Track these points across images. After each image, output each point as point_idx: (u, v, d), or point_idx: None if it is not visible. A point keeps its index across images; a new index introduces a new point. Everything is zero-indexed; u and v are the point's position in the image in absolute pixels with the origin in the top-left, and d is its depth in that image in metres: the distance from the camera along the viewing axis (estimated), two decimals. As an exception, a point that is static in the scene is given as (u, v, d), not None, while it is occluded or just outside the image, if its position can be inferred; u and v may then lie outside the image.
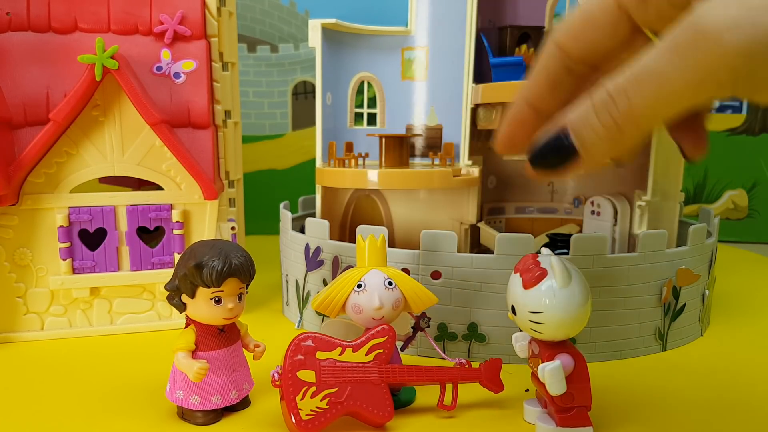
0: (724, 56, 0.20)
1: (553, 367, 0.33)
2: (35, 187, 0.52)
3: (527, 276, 0.32)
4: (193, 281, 0.36)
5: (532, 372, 0.37)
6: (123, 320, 0.56)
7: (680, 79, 0.21)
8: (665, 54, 0.22)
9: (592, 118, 0.24)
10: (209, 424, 0.38)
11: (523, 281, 0.32)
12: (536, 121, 0.29)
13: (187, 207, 0.56)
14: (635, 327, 0.49)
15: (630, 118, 0.23)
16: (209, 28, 0.57)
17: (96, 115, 0.53)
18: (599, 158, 0.25)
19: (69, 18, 0.54)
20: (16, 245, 0.53)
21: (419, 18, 0.63)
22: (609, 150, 0.24)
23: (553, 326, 0.32)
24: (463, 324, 0.48)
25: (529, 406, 0.38)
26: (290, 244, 0.58)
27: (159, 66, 0.55)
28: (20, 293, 0.53)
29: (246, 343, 0.40)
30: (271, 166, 1.04)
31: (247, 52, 1.00)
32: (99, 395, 0.42)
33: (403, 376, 0.38)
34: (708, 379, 0.46)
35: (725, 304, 0.64)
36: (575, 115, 0.25)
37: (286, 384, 0.35)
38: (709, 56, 0.20)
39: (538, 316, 0.32)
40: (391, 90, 0.65)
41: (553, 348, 0.34)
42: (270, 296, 0.66)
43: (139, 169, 0.54)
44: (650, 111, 0.23)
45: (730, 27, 0.20)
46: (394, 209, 0.64)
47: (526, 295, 0.32)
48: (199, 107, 0.56)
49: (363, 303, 0.39)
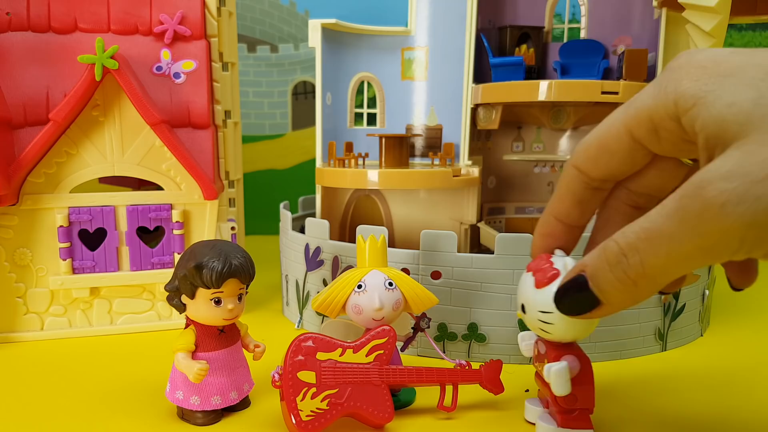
0: (731, 229, 0.21)
1: (559, 368, 0.32)
2: (35, 187, 0.52)
3: (540, 275, 0.32)
4: (193, 282, 0.36)
5: (536, 372, 0.37)
6: (123, 320, 0.56)
7: (690, 243, 0.22)
8: (675, 218, 0.22)
9: (606, 273, 0.25)
10: (209, 424, 0.38)
11: (535, 280, 0.32)
12: (567, 232, 0.31)
13: (187, 207, 0.56)
14: (635, 327, 0.49)
15: (644, 276, 0.24)
16: (209, 28, 0.57)
17: (96, 115, 0.53)
18: (620, 306, 0.26)
19: (69, 18, 0.54)
20: (16, 245, 0.53)
21: (419, 18, 0.63)
22: (629, 300, 0.25)
23: (562, 327, 0.32)
24: (463, 324, 0.48)
25: (531, 405, 0.38)
26: (290, 244, 0.58)
27: (159, 66, 0.55)
28: (20, 293, 0.53)
29: (246, 344, 0.40)
30: (271, 166, 1.04)
31: (247, 52, 1.00)
32: (99, 395, 0.42)
33: (404, 377, 0.38)
34: (708, 379, 0.46)
35: (725, 305, 0.64)
36: (591, 265, 0.26)
37: (286, 385, 0.35)
38: (716, 227, 0.21)
39: (549, 316, 0.32)
40: (391, 90, 0.65)
41: (559, 349, 0.34)
42: (270, 296, 0.66)
43: (139, 169, 0.54)
44: (663, 270, 0.23)
45: (734, 201, 0.20)
46: (394, 209, 0.64)
47: (537, 294, 0.31)
48: (199, 107, 0.56)
49: (363, 304, 0.39)
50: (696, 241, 0.22)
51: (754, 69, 0.23)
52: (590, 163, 0.28)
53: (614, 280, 0.25)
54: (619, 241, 0.24)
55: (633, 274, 0.24)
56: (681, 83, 0.24)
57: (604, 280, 0.25)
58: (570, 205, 0.30)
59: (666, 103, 0.24)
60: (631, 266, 0.24)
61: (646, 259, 0.23)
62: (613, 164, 0.28)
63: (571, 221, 0.30)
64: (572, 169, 0.29)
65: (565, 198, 0.30)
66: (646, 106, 0.25)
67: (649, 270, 0.23)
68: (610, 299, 0.25)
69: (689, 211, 0.22)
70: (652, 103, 0.25)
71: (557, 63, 0.61)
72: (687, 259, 0.22)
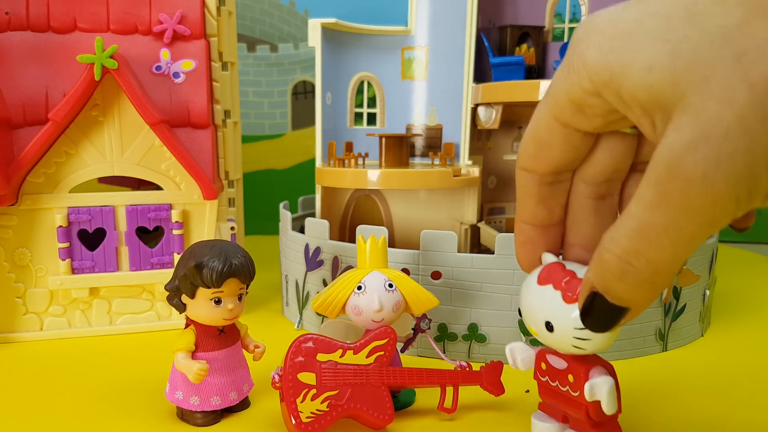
0: (722, 194, 0.20)
1: (610, 386, 0.29)
2: (34, 187, 0.52)
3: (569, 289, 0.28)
4: (193, 281, 0.36)
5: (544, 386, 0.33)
6: (122, 320, 0.56)
7: (689, 224, 0.21)
8: (661, 207, 0.21)
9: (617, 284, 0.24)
10: (209, 425, 0.38)
11: (563, 295, 0.28)
12: (545, 234, 0.29)
13: (187, 207, 0.56)
14: (636, 327, 0.49)
15: (657, 273, 0.22)
16: (209, 28, 0.57)
17: (95, 115, 0.53)
18: (648, 303, 0.24)
19: (68, 18, 0.54)
20: (16, 245, 0.52)
21: (419, 17, 0.63)
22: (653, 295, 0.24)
23: (600, 340, 0.28)
24: (464, 324, 0.48)
25: (541, 422, 0.34)
26: (290, 244, 0.58)
27: (158, 66, 0.55)
28: (19, 293, 0.53)
29: (246, 344, 0.40)
30: (270, 166, 1.04)
31: (246, 52, 1.00)
32: (98, 395, 0.42)
33: (404, 378, 0.38)
34: (708, 380, 0.46)
35: (726, 305, 0.64)
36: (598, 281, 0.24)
37: (286, 386, 0.35)
38: (707, 199, 0.20)
39: (587, 333, 0.28)
40: (391, 90, 0.65)
41: (586, 362, 0.31)
42: (269, 296, 0.66)
43: (139, 168, 0.54)
44: (673, 259, 0.22)
45: (712, 169, 0.19)
46: (394, 209, 0.64)
47: (572, 310, 0.28)
48: (199, 107, 0.56)
49: (363, 305, 0.39)
50: (694, 220, 0.21)
51: (651, 19, 0.21)
52: (534, 161, 0.27)
53: (629, 288, 0.23)
54: (614, 250, 0.23)
55: (646, 276, 0.23)
56: (586, 56, 0.23)
57: (619, 291, 0.24)
58: (534, 207, 0.29)
59: (580, 81, 0.23)
60: (641, 270, 0.23)
61: (652, 257, 0.22)
62: (556, 155, 0.26)
63: (541, 222, 0.29)
64: (520, 171, 0.28)
65: (527, 201, 0.29)
66: (561, 90, 0.24)
67: (660, 265, 0.22)
68: (634, 304, 0.24)
69: (672, 195, 0.21)
70: (566, 85, 0.24)
71: (557, 62, 0.61)
72: (693, 238, 0.21)
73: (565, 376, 0.31)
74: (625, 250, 0.23)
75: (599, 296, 0.25)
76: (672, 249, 0.22)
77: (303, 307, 0.57)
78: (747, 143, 0.19)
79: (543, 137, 0.26)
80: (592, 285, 0.25)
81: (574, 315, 0.27)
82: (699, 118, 0.20)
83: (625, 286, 0.23)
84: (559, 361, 0.32)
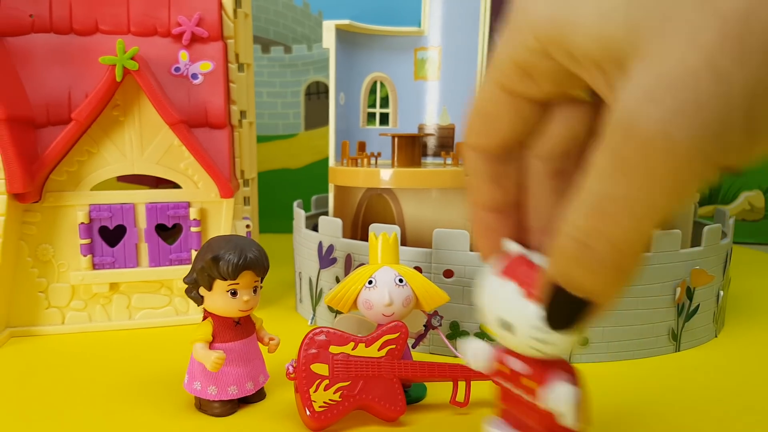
0: (693, 152, 0.16)
1: (569, 395, 0.25)
2: (57, 185, 0.54)
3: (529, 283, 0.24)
4: (210, 274, 0.37)
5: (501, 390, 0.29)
6: (141, 315, 0.57)
7: (656, 193, 0.18)
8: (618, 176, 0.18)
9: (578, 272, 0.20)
10: (226, 415, 0.39)
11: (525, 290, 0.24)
12: (504, 220, 0.26)
13: (204, 205, 0.57)
14: (648, 327, 0.49)
15: (622, 254, 0.19)
16: (226, 30, 0.58)
17: (116, 115, 0.54)
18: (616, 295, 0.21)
19: (90, 20, 0.55)
20: (39, 241, 0.54)
21: (432, 18, 0.64)
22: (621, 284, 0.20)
23: (564, 343, 0.24)
24: (476, 322, 0.48)
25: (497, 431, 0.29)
26: (303, 242, 0.59)
27: (177, 67, 0.57)
28: (42, 288, 0.55)
29: (261, 337, 0.41)
30: (284, 165, 1.05)
31: (261, 53, 1.01)
32: (118, 387, 0.43)
33: (416, 371, 0.38)
34: (722, 381, 0.45)
35: (741, 306, 0.64)
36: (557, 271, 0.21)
37: (300, 377, 0.36)
38: (670, 161, 0.17)
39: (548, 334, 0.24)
40: (403, 90, 0.66)
41: (548, 366, 0.26)
42: (283, 293, 0.67)
43: (158, 167, 0.56)
44: (638, 236, 0.19)
45: (678, 121, 0.16)
46: (406, 208, 0.64)
47: (532, 306, 0.24)
48: (216, 107, 0.57)
49: (373, 299, 0.40)
50: (658, 187, 0.17)
51: None
52: (480, 137, 0.24)
53: (590, 275, 0.20)
54: (570, 231, 0.20)
55: (608, 259, 0.19)
56: (529, 12, 0.20)
57: (579, 278, 0.20)
58: (487, 188, 0.25)
59: (525, 41, 0.20)
60: (601, 252, 0.19)
61: (613, 234, 0.19)
62: (504, 128, 0.23)
63: (498, 205, 0.26)
64: (468, 150, 0.25)
65: (480, 183, 0.25)
66: (505, 54, 0.22)
67: (624, 245, 0.19)
68: (597, 294, 0.21)
69: (631, 160, 0.17)
70: (510, 48, 0.21)
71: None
72: (658, 209, 0.18)
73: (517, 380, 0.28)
74: (582, 231, 0.19)
75: (559, 288, 0.21)
76: (635, 223, 0.18)
77: (316, 303, 0.58)
78: (717, 89, 0.16)
79: (488, 110, 0.23)
80: (550, 275, 0.22)
81: (531, 311, 0.24)
82: (658, 65, 0.16)
83: (585, 273, 0.20)
84: (518, 363, 0.28)
